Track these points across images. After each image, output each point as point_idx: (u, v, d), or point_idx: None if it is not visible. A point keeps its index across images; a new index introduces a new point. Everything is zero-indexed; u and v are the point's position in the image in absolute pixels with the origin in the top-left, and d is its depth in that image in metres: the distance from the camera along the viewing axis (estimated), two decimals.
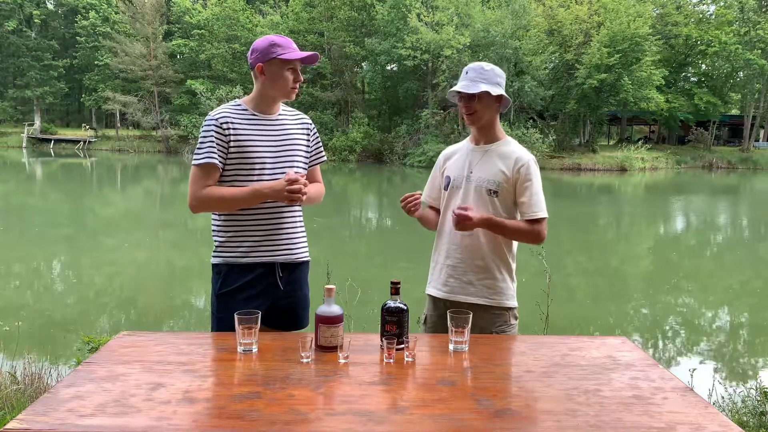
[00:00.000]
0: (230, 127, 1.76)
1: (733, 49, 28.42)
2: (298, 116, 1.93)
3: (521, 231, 1.84)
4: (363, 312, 3.92)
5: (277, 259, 1.82)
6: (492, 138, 1.91)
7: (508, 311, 1.89)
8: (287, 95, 1.81)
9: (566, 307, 5.51)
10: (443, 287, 1.92)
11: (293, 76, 1.78)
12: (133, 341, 1.59)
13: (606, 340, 1.73)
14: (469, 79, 1.82)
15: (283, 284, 1.83)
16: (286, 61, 1.75)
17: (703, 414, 1.23)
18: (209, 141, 1.75)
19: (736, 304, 6.44)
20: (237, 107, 1.81)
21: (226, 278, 1.80)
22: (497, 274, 1.88)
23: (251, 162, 1.76)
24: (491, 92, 1.80)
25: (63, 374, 3.02)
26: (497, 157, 1.87)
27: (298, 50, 1.79)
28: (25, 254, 7.61)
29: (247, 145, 1.77)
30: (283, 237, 1.82)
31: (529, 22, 26.68)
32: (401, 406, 1.24)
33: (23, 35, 34.63)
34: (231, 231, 1.80)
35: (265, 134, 1.81)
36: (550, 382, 1.38)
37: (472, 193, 1.87)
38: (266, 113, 1.83)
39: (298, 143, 1.87)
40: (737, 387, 3.55)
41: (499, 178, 1.84)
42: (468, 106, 1.84)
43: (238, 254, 1.79)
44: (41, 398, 1.24)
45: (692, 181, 23.93)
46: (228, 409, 1.20)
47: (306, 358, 1.46)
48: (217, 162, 1.74)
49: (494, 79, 1.83)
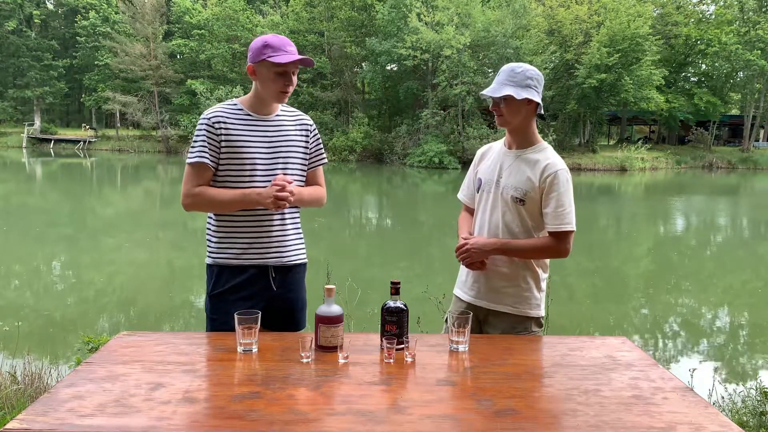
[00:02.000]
0: (222, 126, 1.74)
1: (733, 49, 28.42)
2: (297, 117, 1.89)
3: (539, 248, 1.79)
4: (363, 312, 3.91)
5: (268, 261, 1.80)
6: (524, 143, 1.83)
7: (531, 319, 1.85)
8: (276, 98, 1.76)
9: (566, 307, 5.51)
10: (469, 291, 1.90)
11: (283, 80, 1.72)
12: (133, 341, 1.59)
13: (606, 340, 1.72)
14: (498, 81, 1.77)
15: (276, 286, 1.81)
16: (276, 64, 1.70)
17: (703, 414, 1.23)
18: (201, 140, 1.74)
19: (736, 304, 6.43)
20: (232, 107, 1.80)
21: (219, 279, 1.79)
22: (523, 283, 1.83)
23: (243, 162, 1.75)
24: (515, 96, 1.73)
25: (63, 374, 3.02)
26: (526, 163, 1.80)
27: (292, 52, 1.72)
28: (25, 254, 7.61)
29: (239, 145, 1.75)
30: (273, 240, 1.80)
31: (530, 22, 26.67)
32: (401, 406, 1.24)
33: (23, 35, 34.61)
34: (222, 233, 1.79)
35: (258, 135, 1.78)
36: (550, 382, 1.38)
37: (500, 200, 1.82)
38: (262, 113, 1.80)
39: (295, 144, 1.84)
40: (737, 387, 3.55)
41: (526, 186, 1.77)
42: (495, 109, 1.80)
43: (229, 256, 1.78)
44: (41, 398, 1.23)
45: (692, 181, 23.94)
46: (228, 410, 1.19)
47: (306, 358, 1.46)
48: (208, 161, 1.73)
49: (524, 82, 1.75)
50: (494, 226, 1.84)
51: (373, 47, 27.47)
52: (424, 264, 5.13)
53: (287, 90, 1.74)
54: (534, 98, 1.76)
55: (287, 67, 1.72)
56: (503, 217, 1.81)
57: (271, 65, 1.71)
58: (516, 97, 1.74)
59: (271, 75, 1.72)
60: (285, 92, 1.74)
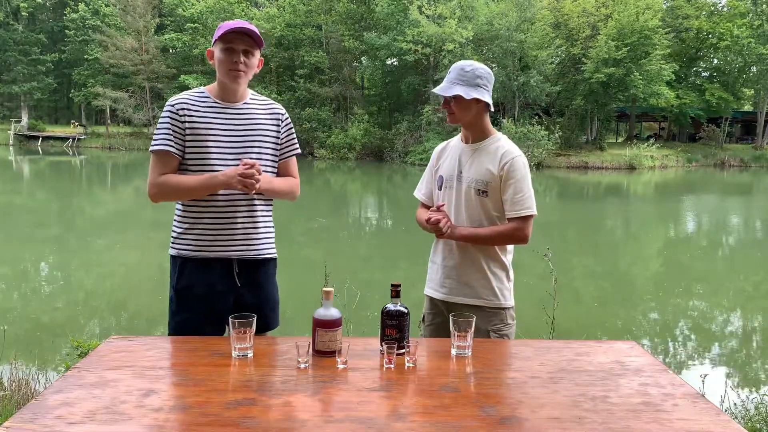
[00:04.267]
0: (187, 114, 1.73)
1: (746, 42, 28.02)
2: (268, 105, 1.85)
3: (502, 234, 1.83)
4: (362, 315, 3.87)
5: (232, 254, 1.76)
6: (479, 136, 1.89)
7: (505, 311, 1.89)
8: (228, 78, 1.72)
9: (573, 311, 5.44)
10: (441, 288, 1.93)
11: (231, 57, 1.70)
12: (123, 346, 1.57)
13: (614, 344, 1.70)
14: (448, 80, 1.83)
15: (241, 282, 1.78)
16: (222, 39, 1.69)
17: (715, 421, 1.20)
18: (164, 128, 1.73)
19: (749, 307, 6.32)
20: (199, 94, 1.78)
21: (182, 271, 1.76)
22: (493, 274, 1.87)
23: (208, 150, 1.73)
24: (464, 96, 1.78)
25: (51, 380, 2.95)
26: (485, 155, 1.86)
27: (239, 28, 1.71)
28: (11, 255, 7.50)
29: (203, 133, 1.73)
30: (238, 231, 1.76)
31: (535, 15, 26.36)
32: (402, 413, 1.21)
33: (10, 28, 33.97)
34: (187, 223, 1.77)
35: (225, 122, 1.76)
36: (556, 388, 1.35)
37: (463, 194, 1.87)
38: (228, 101, 1.78)
39: (264, 133, 1.81)
40: (750, 393, 3.49)
41: (486, 177, 1.83)
42: (446, 107, 1.86)
43: (193, 247, 1.75)
44: (29, 405, 1.21)
45: (703, 179, 23.68)
46: (222, 417, 1.17)
47: (303, 363, 1.43)
48: (171, 149, 1.72)
49: (473, 81, 1.80)
50: (460, 221, 1.88)
51: (372, 41, 27.20)
52: (425, 266, 4.98)
53: (237, 68, 1.71)
54: (483, 98, 1.81)
55: (233, 43, 1.70)
56: (468, 211, 1.86)
57: (219, 43, 1.71)
58: (465, 97, 1.79)
59: (221, 54, 1.72)
60: (235, 70, 1.71)
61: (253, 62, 1.75)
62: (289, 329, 2.57)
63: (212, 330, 1.75)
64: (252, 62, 1.74)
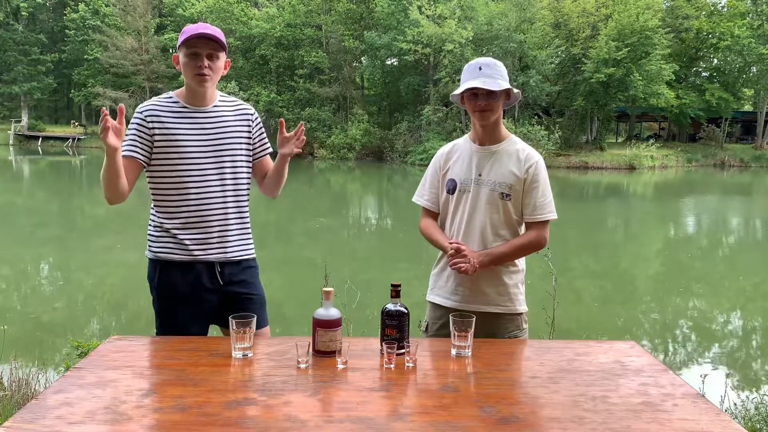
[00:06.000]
0: (155, 120, 1.73)
1: (746, 42, 27.98)
2: (238, 107, 1.85)
3: (523, 246, 1.81)
4: (362, 315, 3.86)
5: (210, 257, 1.76)
6: (498, 138, 1.84)
7: (519, 316, 1.86)
8: (194, 82, 1.72)
9: (573, 311, 5.44)
10: (452, 296, 1.85)
11: (195, 61, 1.69)
12: (123, 346, 1.57)
13: (614, 344, 1.70)
14: (487, 75, 1.74)
15: (224, 280, 1.78)
16: (185, 45, 1.69)
17: (715, 421, 1.20)
18: (131, 135, 1.73)
19: (749, 307, 6.32)
20: (167, 99, 1.78)
21: (163, 273, 1.76)
22: (508, 279, 1.83)
23: (178, 155, 1.73)
24: (513, 90, 1.78)
25: (51, 380, 2.94)
26: (506, 157, 1.81)
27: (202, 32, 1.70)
28: (12, 255, 7.50)
29: (172, 139, 1.73)
30: (214, 235, 1.76)
31: (534, 15, 26.36)
32: (402, 413, 1.21)
33: (10, 28, 33.78)
34: (161, 227, 1.76)
35: (194, 127, 1.76)
36: (556, 388, 1.35)
37: (483, 197, 1.80)
38: (197, 105, 1.78)
39: (235, 135, 1.81)
40: (750, 393, 3.48)
41: (510, 180, 1.79)
42: (487, 104, 1.76)
43: (169, 251, 1.75)
44: (28, 405, 1.21)
45: (703, 179, 23.66)
46: (222, 417, 1.17)
47: (303, 363, 1.43)
48: (135, 155, 1.72)
49: (507, 76, 1.80)
50: (478, 227, 1.81)
51: (372, 41, 27.18)
52: (425, 266, 5.01)
53: (202, 72, 1.70)
54: (515, 91, 1.81)
55: (197, 47, 1.70)
56: (487, 214, 1.80)
57: (183, 48, 1.71)
58: (514, 91, 1.80)
59: (186, 59, 1.72)
60: (200, 74, 1.71)
61: (219, 65, 1.74)
62: (289, 329, 2.58)
63: (198, 329, 1.75)
64: (217, 65, 1.73)
